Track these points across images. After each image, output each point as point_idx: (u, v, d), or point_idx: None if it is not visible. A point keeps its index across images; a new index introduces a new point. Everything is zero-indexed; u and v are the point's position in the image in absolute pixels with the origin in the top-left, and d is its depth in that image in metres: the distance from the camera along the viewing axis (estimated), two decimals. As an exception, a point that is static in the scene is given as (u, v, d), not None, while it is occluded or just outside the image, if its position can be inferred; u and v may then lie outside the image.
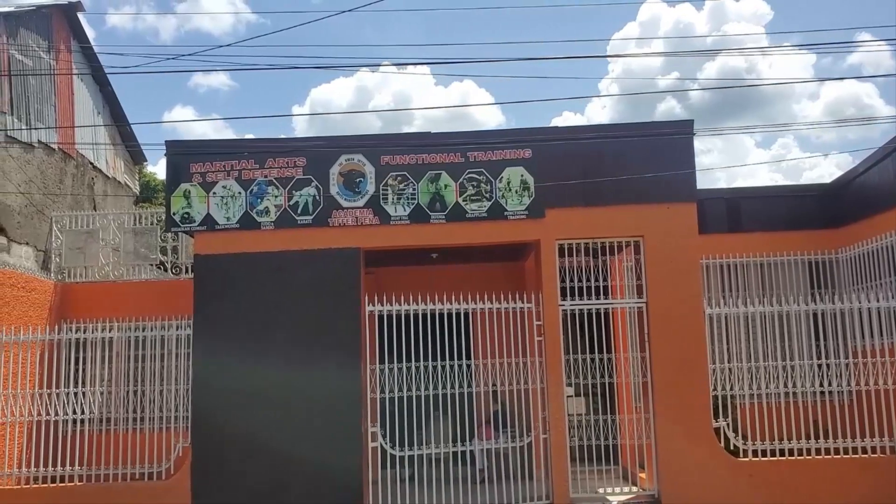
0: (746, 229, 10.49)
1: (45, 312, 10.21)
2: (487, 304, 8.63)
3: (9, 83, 10.60)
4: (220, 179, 8.85)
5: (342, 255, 8.66)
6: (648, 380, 8.53)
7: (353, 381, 8.44)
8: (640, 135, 8.79)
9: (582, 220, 8.67)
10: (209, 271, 8.75)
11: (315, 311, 8.59)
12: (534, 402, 8.62)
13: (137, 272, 11.16)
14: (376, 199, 8.70)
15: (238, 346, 8.55)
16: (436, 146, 8.80)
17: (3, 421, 8.87)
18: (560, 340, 8.53)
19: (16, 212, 10.56)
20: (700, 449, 8.25)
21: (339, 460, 8.30)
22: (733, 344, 8.94)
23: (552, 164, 8.68)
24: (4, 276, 9.56)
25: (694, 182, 8.81)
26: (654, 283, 8.57)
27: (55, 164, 11.77)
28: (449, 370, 8.48)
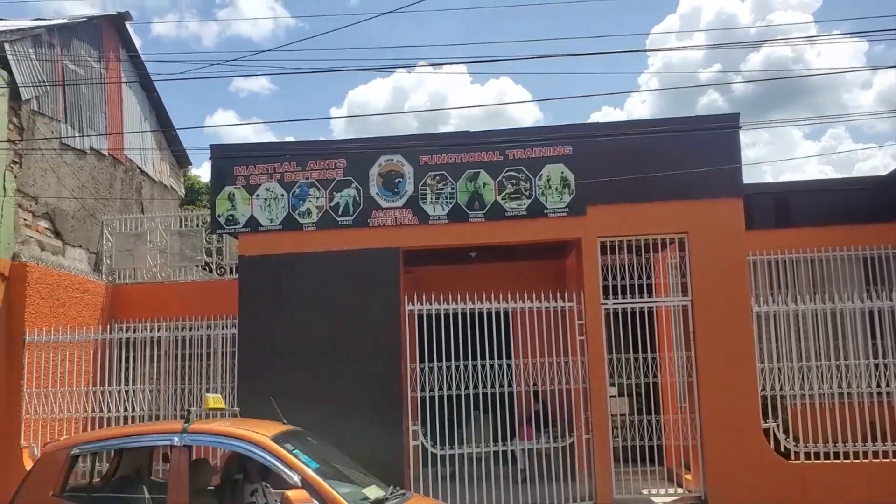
0: (796, 224, 10.18)
1: (98, 313, 10.52)
2: (528, 303, 8.57)
3: (63, 93, 10.94)
4: (263, 182, 8.98)
5: (382, 255, 8.71)
6: (694, 379, 8.34)
7: (394, 379, 8.47)
8: (683, 129, 8.60)
9: (624, 216, 8.54)
10: (253, 272, 8.89)
11: (356, 310, 8.65)
12: (576, 401, 8.52)
13: (183, 273, 11.40)
14: (415, 198, 8.72)
15: (281, 345, 8.67)
16: (474, 145, 8.77)
17: (61, 417, 9.16)
18: (603, 339, 8.42)
19: (70, 216, 10.90)
20: (749, 450, 8.04)
21: (381, 458, 8.31)
22: (783, 343, 8.67)
23: (593, 161, 8.56)
24: (60, 279, 9.87)
25: (740, 177, 8.59)
26: (700, 280, 8.38)
27: (105, 169, 12.10)
28: (489, 369, 8.44)
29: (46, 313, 9.47)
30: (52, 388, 9.12)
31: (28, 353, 9.07)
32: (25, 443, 8.94)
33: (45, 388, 9.09)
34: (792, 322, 8.79)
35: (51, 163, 10.47)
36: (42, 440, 9.00)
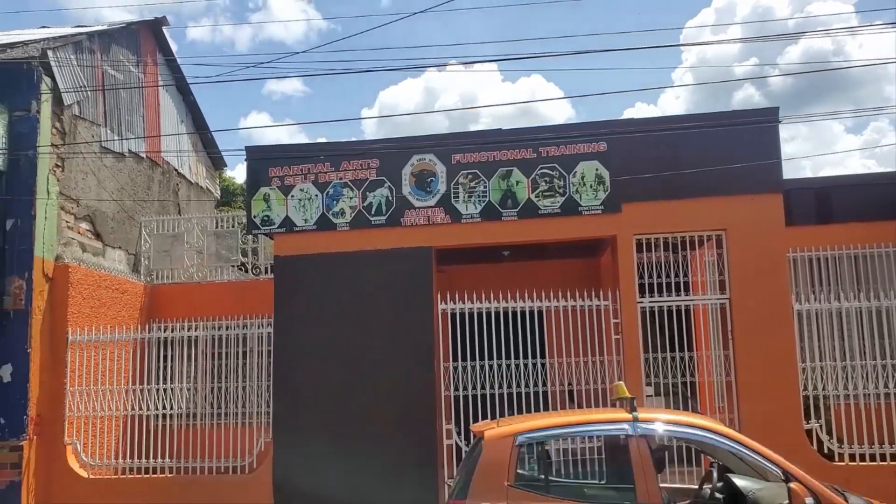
0: (838, 220, 9.92)
1: (136, 312, 10.71)
2: (562, 302, 8.50)
3: (103, 97, 11.15)
4: (297, 182, 9.06)
5: (415, 254, 8.72)
6: (732, 379, 8.19)
7: (427, 378, 8.47)
8: (721, 124, 8.44)
9: (660, 213, 8.42)
10: (288, 272, 8.97)
11: (389, 309, 8.67)
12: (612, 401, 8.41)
13: (219, 273, 11.55)
14: (447, 197, 8.71)
15: (316, 344, 8.73)
16: (507, 143, 8.73)
17: (102, 415, 9.35)
18: (639, 338, 8.31)
19: (110, 218, 11.12)
20: (791, 451, 7.75)
21: (415, 457, 8.35)
22: (825, 341, 8.46)
23: (629, 158, 8.46)
24: (101, 279, 10.08)
25: (780, 172, 8.41)
26: (738, 278, 8.22)
27: (144, 171, 12.32)
28: (523, 369, 8.40)
29: (88, 313, 9.67)
30: (94, 387, 9.31)
31: (71, 352, 9.27)
32: (69, 439, 9.14)
33: (87, 387, 9.28)
34: (834, 320, 8.57)
35: (91, 166, 10.69)
36: (84, 437, 9.21)
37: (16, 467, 8.61)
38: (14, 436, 8.67)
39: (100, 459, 9.31)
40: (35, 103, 9.34)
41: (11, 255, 8.96)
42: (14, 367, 8.80)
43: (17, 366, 8.80)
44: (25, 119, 9.29)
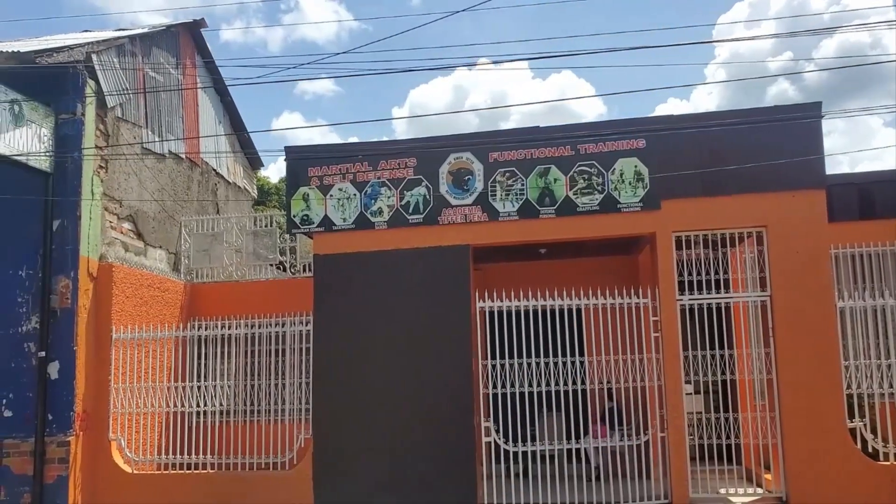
0: (881, 216, 9.76)
1: (177, 311, 10.90)
2: (600, 300, 8.48)
3: (144, 99, 11.36)
4: (336, 182, 9.15)
5: (452, 253, 8.76)
6: (773, 377, 8.11)
7: (465, 376, 8.51)
8: (762, 120, 8.35)
9: (700, 210, 8.36)
10: (327, 270, 9.07)
11: (427, 307, 8.72)
12: (650, 399, 8.39)
13: (258, 272, 11.71)
14: (484, 195, 8.73)
15: (354, 342, 8.82)
16: (545, 140, 8.73)
17: (145, 412, 9.54)
18: (678, 336, 8.26)
19: (151, 217, 11.32)
20: (834, 450, 7.77)
21: (453, 454, 8.39)
22: (870, 339, 8.33)
23: (668, 154, 8.41)
24: (143, 278, 10.28)
25: (822, 168, 8.30)
26: (779, 275, 8.14)
27: (183, 172, 12.53)
28: (561, 367, 8.39)
29: (130, 311, 9.87)
30: (137, 384, 9.50)
31: (115, 350, 9.47)
32: (113, 435, 9.34)
33: (130, 384, 9.47)
34: (878, 318, 8.44)
35: (133, 167, 10.89)
36: (127, 434, 9.40)
37: (63, 462, 8.82)
38: (61, 431, 8.88)
39: (142, 455, 9.50)
40: (80, 106, 9.54)
41: (58, 255, 9.17)
42: (61, 365, 9.00)
43: (64, 363, 9.01)
44: (70, 122, 9.50)
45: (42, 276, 9.13)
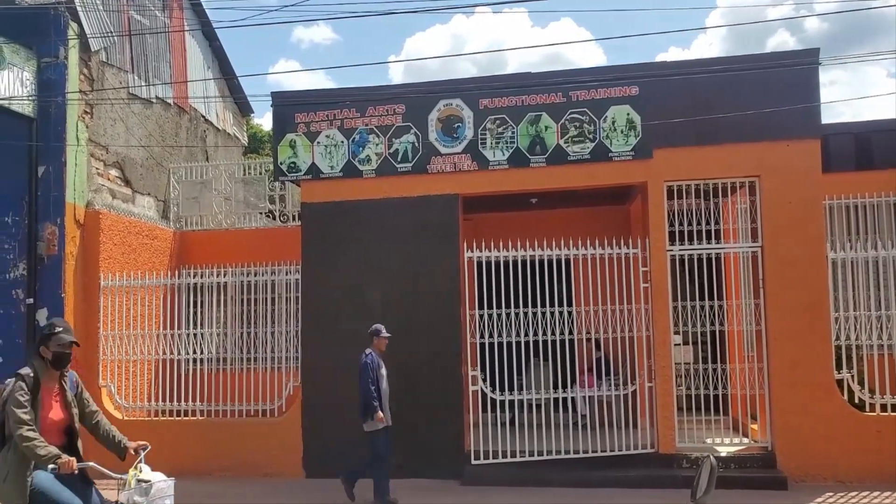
0: (878, 167, 9.61)
1: (166, 259, 10.84)
2: (590, 250, 8.40)
3: (129, 43, 11.10)
4: (323, 129, 8.99)
5: (441, 202, 8.65)
6: (763, 328, 8.08)
7: (454, 325, 8.49)
8: (757, 67, 8.14)
9: (693, 160, 8.21)
10: (315, 219, 8.98)
11: (415, 257, 8.66)
12: (638, 350, 8.38)
13: (247, 220, 11.61)
14: (474, 143, 8.57)
15: (343, 290, 8.78)
16: (536, 86, 8.52)
17: (135, 359, 9.55)
18: (668, 287, 8.21)
19: (138, 164, 11.17)
20: (820, 401, 7.78)
21: (441, 402, 8.43)
22: (860, 291, 8.27)
23: (661, 102, 8.23)
24: (131, 225, 10.19)
25: (818, 117, 8.12)
26: (771, 226, 8.03)
27: (171, 118, 12.32)
28: (549, 317, 8.35)
29: (119, 259, 9.80)
30: (126, 331, 9.49)
31: (103, 297, 9.44)
32: (103, 382, 9.38)
33: (119, 331, 9.47)
34: (871, 269, 8.37)
35: (119, 112, 10.70)
36: (118, 381, 9.43)
37: (53, 408, 8.86)
38: (51, 378, 8.90)
39: (133, 402, 9.56)
40: (63, 49, 9.31)
41: (44, 202, 9.07)
42: (49, 312, 8.95)
43: (52, 310, 8.97)
44: (53, 66, 9.28)
45: (28, 222, 9.05)
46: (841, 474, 7.68)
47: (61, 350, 4.33)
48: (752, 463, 7.94)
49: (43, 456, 3.96)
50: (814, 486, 7.62)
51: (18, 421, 4.01)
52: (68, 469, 3.99)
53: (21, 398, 4.07)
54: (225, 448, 8.88)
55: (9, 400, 4.08)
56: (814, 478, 7.71)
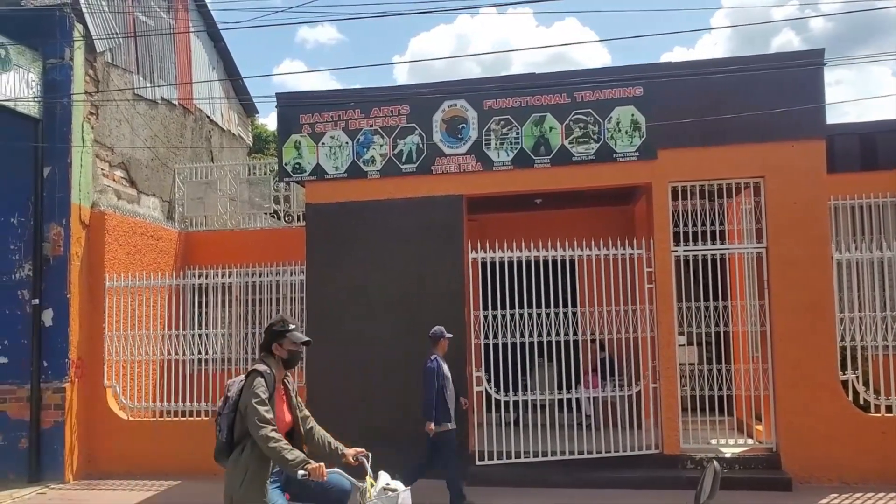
0: (883, 167, 9.58)
1: (171, 259, 10.88)
2: (594, 251, 8.39)
3: (135, 44, 11.13)
4: (328, 130, 8.99)
5: (445, 202, 8.65)
6: (767, 329, 8.07)
7: (458, 326, 8.47)
8: (762, 67, 8.12)
9: (697, 160, 8.20)
10: (320, 220, 8.98)
11: (420, 258, 8.66)
12: (643, 350, 8.37)
13: (252, 221, 11.63)
14: (479, 144, 8.58)
15: (347, 291, 8.79)
16: (541, 87, 8.52)
17: (140, 359, 9.58)
18: (672, 287, 8.19)
19: (144, 165, 11.20)
20: (825, 402, 7.77)
21: (445, 404, 8.41)
22: (865, 291, 8.26)
23: (666, 103, 8.21)
24: (136, 226, 10.22)
25: (823, 117, 8.10)
26: (776, 226, 8.02)
27: (176, 118, 12.35)
28: (554, 317, 8.35)
29: (124, 259, 9.83)
30: (131, 332, 9.52)
31: (108, 298, 9.46)
32: (108, 382, 9.40)
33: (124, 331, 9.50)
34: (876, 270, 8.35)
35: (125, 113, 10.73)
36: (123, 381, 9.46)
37: (59, 408, 8.91)
38: (57, 378, 8.94)
39: (138, 402, 9.58)
40: (68, 51, 9.35)
41: (49, 203, 9.10)
42: (55, 312, 9.02)
43: (58, 311, 9.02)
44: (59, 67, 9.32)
45: (34, 223, 9.08)
46: (845, 475, 7.66)
47: (296, 349, 4.11)
48: (756, 464, 7.93)
49: (290, 460, 3.67)
50: (818, 487, 7.60)
51: (263, 420, 3.73)
52: (319, 475, 3.69)
53: (263, 395, 3.79)
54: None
55: (248, 397, 3.79)
56: (818, 479, 7.69)
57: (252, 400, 3.76)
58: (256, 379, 3.84)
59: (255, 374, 3.88)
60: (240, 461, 3.84)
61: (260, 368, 3.92)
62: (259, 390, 3.79)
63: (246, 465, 3.82)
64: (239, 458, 3.85)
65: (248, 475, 3.80)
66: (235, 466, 3.85)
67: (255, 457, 3.81)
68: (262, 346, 4.15)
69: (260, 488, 3.81)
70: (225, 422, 3.94)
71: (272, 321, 4.15)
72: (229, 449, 3.92)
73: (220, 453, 3.97)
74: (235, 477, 3.83)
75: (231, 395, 3.94)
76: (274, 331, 4.07)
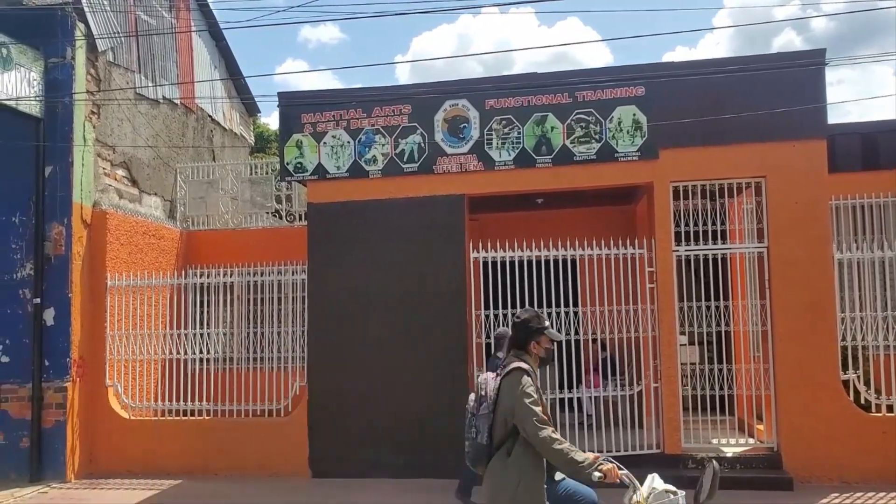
0: (884, 167, 9.58)
1: (173, 258, 10.88)
2: (596, 251, 8.40)
3: (136, 43, 11.13)
4: (329, 129, 9.00)
5: (447, 202, 8.66)
6: (768, 328, 8.07)
7: (459, 326, 8.50)
8: (763, 67, 8.12)
9: (699, 160, 8.20)
10: (321, 219, 8.99)
11: (421, 257, 8.67)
12: (644, 350, 8.38)
13: (254, 220, 11.64)
14: (480, 144, 8.58)
15: (349, 291, 8.80)
16: (542, 87, 8.53)
17: (141, 358, 9.58)
18: (674, 287, 8.20)
19: (145, 164, 11.21)
20: (826, 402, 7.77)
21: (446, 402, 8.43)
22: (867, 291, 8.26)
23: (667, 102, 8.21)
24: (138, 225, 10.22)
25: (824, 117, 8.10)
26: (777, 226, 8.02)
27: (178, 118, 12.35)
28: (555, 317, 8.35)
29: (125, 259, 9.84)
30: (133, 331, 9.52)
31: (110, 297, 9.47)
32: (110, 381, 9.41)
33: (126, 331, 9.50)
34: (877, 270, 8.35)
35: (126, 113, 10.74)
36: (124, 380, 9.47)
37: (60, 408, 8.91)
38: (58, 377, 8.95)
39: (140, 401, 9.59)
40: (70, 50, 9.35)
41: (51, 202, 9.11)
42: (56, 312, 9.02)
43: (59, 310, 9.03)
44: (60, 66, 9.32)
45: (35, 222, 9.09)
46: (846, 475, 7.67)
47: (551, 347, 3.91)
48: (757, 463, 7.93)
49: (580, 462, 3.45)
50: (819, 486, 7.61)
51: (542, 421, 3.49)
52: (614, 477, 3.52)
53: (535, 395, 3.54)
54: (231, 447, 8.92)
55: (519, 396, 3.53)
56: (819, 479, 7.70)
57: (525, 400, 3.51)
58: (524, 377, 3.60)
59: (520, 373, 3.63)
60: (509, 466, 3.57)
61: (525, 367, 3.67)
62: (530, 389, 3.56)
63: (520, 470, 3.55)
64: (506, 463, 3.58)
65: (525, 481, 3.54)
66: (504, 471, 3.57)
67: (530, 460, 3.56)
68: (514, 343, 3.85)
69: (540, 493, 3.59)
70: (485, 423, 3.66)
71: (527, 317, 3.86)
72: (490, 453, 3.64)
73: (480, 458, 3.68)
74: (507, 483, 3.55)
75: (488, 394, 3.68)
76: (531, 328, 3.82)
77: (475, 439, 3.68)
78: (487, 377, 3.80)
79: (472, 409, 3.75)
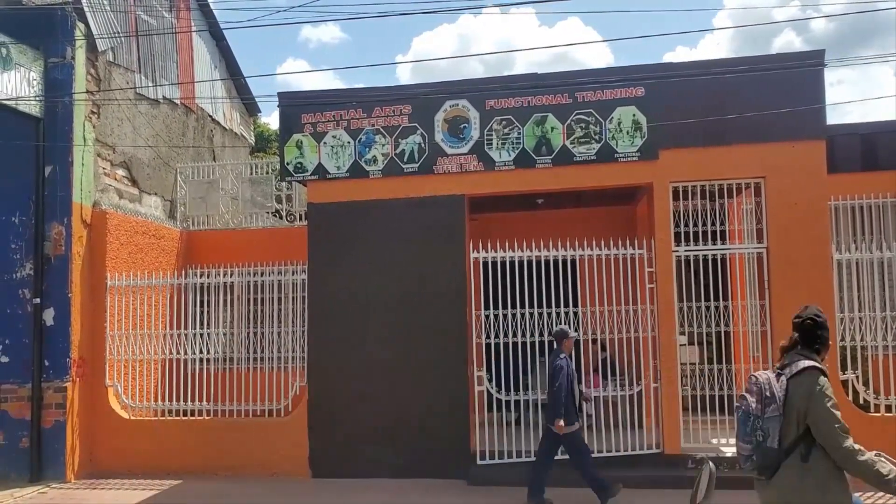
0: (884, 167, 9.60)
1: (173, 258, 10.88)
2: (595, 251, 8.41)
3: (136, 43, 11.12)
4: (330, 129, 9.01)
5: (447, 202, 8.68)
6: (768, 328, 8.09)
7: (459, 326, 8.51)
8: (763, 68, 8.14)
9: (698, 160, 8.22)
10: (322, 219, 9.00)
11: (422, 257, 8.69)
12: (644, 350, 8.39)
13: (254, 220, 11.64)
14: (480, 144, 8.59)
15: (349, 291, 8.80)
16: (542, 87, 8.54)
17: (141, 358, 9.58)
18: (673, 287, 8.22)
19: (145, 164, 11.21)
20: (824, 402, 7.77)
21: (446, 402, 8.46)
22: (865, 291, 8.27)
23: (667, 103, 8.23)
24: (138, 225, 10.22)
25: (823, 118, 8.12)
26: (776, 227, 8.04)
27: (178, 118, 12.36)
28: (555, 317, 8.36)
29: (125, 259, 9.84)
30: (133, 331, 9.52)
31: (110, 297, 9.47)
32: (109, 382, 9.41)
33: (126, 331, 9.50)
34: (876, 270, 8.37)
35: (126, 112, 10.73)
36: (124, 380, 9.47)
37: (60, 408, 8.90)
38: (58, 377, 8.94)
39: (140, 401, 9.59)
40: (70, 49, 9.34)
41: (50, 202, 9.10)
42: (56, 312, 9.02)
43: (59, 310, 9.02)
44: (60, 66, 9.31)
45: (35, 222, 9.08)
46: (846, 475, 7.67)
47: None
48: (757, 463, 7.93)
49: (885, 475, 3.19)
50: (819, 486, 7.61)
51: (845, 430, 3.26)
52: None
53: (835, 398, 3.34)
54: (231, 447, 8.92)
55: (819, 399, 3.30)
56: (819, 478, 7.70)
57: (826, 403, 3.28)
58: (821, 377, 3.36)
59: (818, 373, 3.38)
60: (808, 473, 3.32)
61: (821, 366, 3.42)
62: (830, 391, 3.33)
63: (824, 479, 3.30)
64: (803, 468, 3.33)
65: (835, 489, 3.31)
66: (802, 480, 3.32)
67: (831, 464, 3.30)
68: (805, 341, 3.60)
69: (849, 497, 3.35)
70: (775, 425, 3.38)
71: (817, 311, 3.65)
72: (780, 458, 3.38)
73: (769, 463, 3.42)
74: (807, 492, 3.31)
75: (776, 395, 3.40)
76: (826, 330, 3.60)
77: (762, 443, 3.42)
78: (770, 377, 3.52)
79: (755, 410, 3.44)
